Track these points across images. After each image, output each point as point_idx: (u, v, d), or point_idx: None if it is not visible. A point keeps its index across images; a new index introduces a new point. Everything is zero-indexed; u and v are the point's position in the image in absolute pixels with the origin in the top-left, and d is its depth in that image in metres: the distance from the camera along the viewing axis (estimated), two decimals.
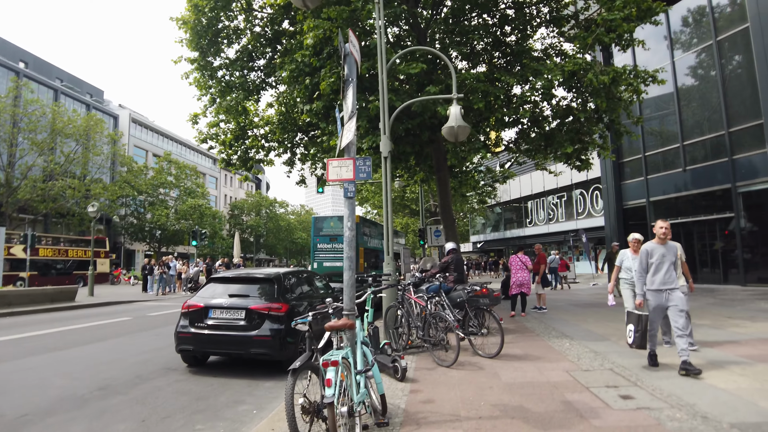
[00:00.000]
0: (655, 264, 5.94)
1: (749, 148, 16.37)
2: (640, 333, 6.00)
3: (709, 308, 11.45)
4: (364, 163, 4.53)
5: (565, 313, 12.04)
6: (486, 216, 45.46)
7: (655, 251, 6.00)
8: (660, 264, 5.91)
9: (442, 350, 6.85)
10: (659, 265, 5.91)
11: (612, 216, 21.66)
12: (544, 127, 12.95)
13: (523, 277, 11.60)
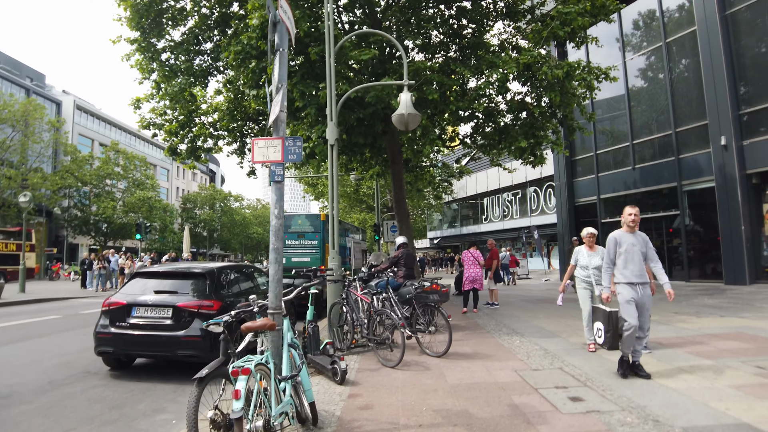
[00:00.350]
0: (624, 254, 5.33)
1: (694, 148, 16.74)
2: (611, 332, 5.51)
3: (656, 303, 11.46)
4: (294, 143, 4.01)
5: (517, 308, 11.87)
6: (443, 212, 45.56)
7: (623, 240, 5.41)
8: (630, 254, 5.30)
9: (387, 349, 6.42)
10: (630, 256, 5.30)
11: (564, 213, 21.89)
12: (498, 121, 12.74)
13: (476, 273, 11.34)
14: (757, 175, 15.22)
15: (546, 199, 32.06)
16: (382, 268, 9.03)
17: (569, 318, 9.72)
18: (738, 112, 15.46)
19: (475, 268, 11.34)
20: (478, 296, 11.69)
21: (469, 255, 11.51)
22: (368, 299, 6.94)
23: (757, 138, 15.04)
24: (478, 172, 39.02)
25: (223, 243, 67.65)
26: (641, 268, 5.30)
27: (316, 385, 5.45)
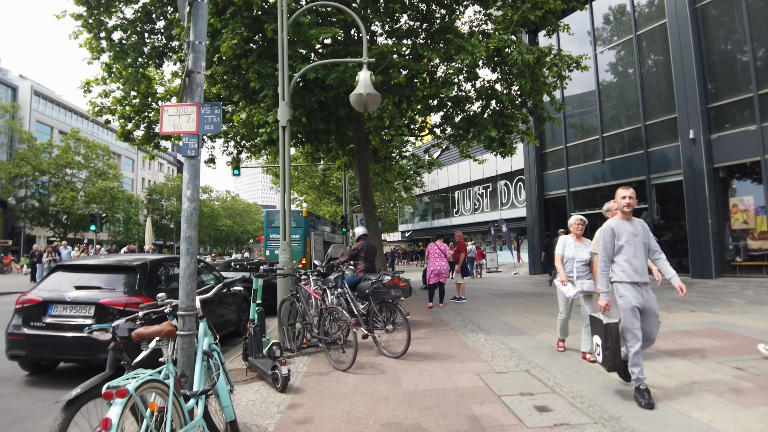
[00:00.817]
0: (625, 247, 4.25)
1: (663, 142, 16.58)
2: (611, 348, 4.17)
3: None
4: (212, 110, 3.31)
5: (484, 303, 11.39)
6: (414, 205, 45.12)
7: (622, 230, 4.31)
8: (633, 247, 4.23)
9: (339, 351, 5.78)
10: (632, 249, 4.23)
11: (534, 206, 21.61)
12: (468, 110, 12.19)
13: (441, 267, 10.81)
14: (723, 169, 15.12)
15: (516, 192, 31.87)
16: (341, 261, 8.39)
17: (537, 313, 9.27)
18: (706, 106, 15.31)
19: (440, 261, 10.81)
20: (443, 290, 11.18)
21: (435, 248, 10.97)
22: (319, 295, 6.28)
23: (724, 132, 14.91)
24: (450, 165, 38.65)
25: None
26: (645, 263, 4.30)
27: (254, 393, 4.79)
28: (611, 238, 4.34)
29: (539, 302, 11.08)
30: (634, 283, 4.19)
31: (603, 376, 4.90)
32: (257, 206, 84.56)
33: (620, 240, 4.29)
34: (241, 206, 72.78)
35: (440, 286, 11.06)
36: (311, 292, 6.41)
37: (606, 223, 4.49)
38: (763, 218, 14.25)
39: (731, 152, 14.71)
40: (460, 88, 12.11)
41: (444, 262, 10.88)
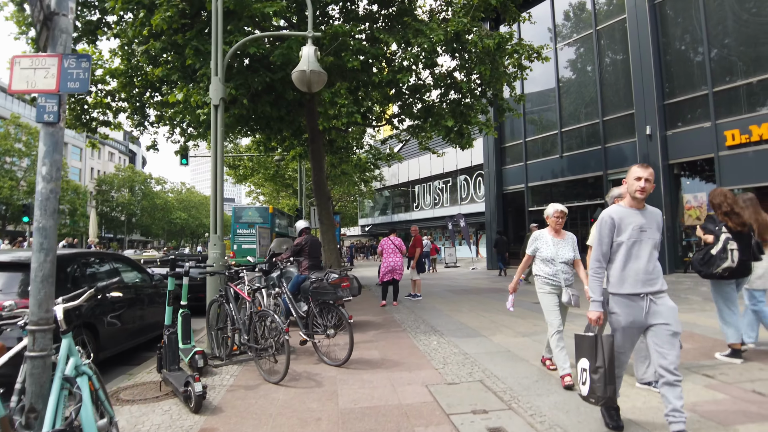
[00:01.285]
0: (626, 245, 3.23)
1: (620, 137, 16.51)
2: (602, 374, 3.16)
3: None
4: (79, 64, 2.52)
5: (440, 300, 10.87)
6: (374, 199, 44.51)
7: (626, 221, 3.27)
8: (636, 245, 3.22)
9: (271, 360, 5.06)
10: (636, 247, 3.22)
11: (492, 201, 21.35)
12: (426, 99, 11.59)
13: (395, 262, 10.22)
14: (678, 166, 15.15)
15: (476, 187, 31.71)
16: (283, 258, 7.65)
17: (494, 312, 8.78)
18: (663, 103, 15.29)
19: (394, 257, 10.21)
20: (398, 288, 10.59)
21: (389, 243, 10.35)
22: (248, 296, 5.53)
23: (679, 129, 14.93)
24: (410, 159, 38.20)
25: (144, 228, 63.19)
26: (655, 266, 3.25)
27: (162, 415, 4.02)
28: (609, 232, 3.29)
29: (496, 299, 10.64)
30: (630, 294, 3.20)
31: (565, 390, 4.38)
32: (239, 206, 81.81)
33: (621, 235, 3.25)
34: (197, 199, 70.29)
35: (394, 283, 10.47)
36: (240, 293, 5.64)
37: (605, 211, 3.41)
38: None
39: (686, 149, 14.73)
40: (419, 75, 11.50)
41: (398, 257, 10.29)
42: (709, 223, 4.82)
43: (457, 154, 32.86)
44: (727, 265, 4.47)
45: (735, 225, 4.62)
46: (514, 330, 7.05)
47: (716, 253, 4.56)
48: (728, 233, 4.56)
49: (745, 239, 4.63)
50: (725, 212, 4.71)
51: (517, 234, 20.94)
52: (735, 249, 4.48)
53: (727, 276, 4.67)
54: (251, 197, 39.77)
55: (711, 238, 4.69)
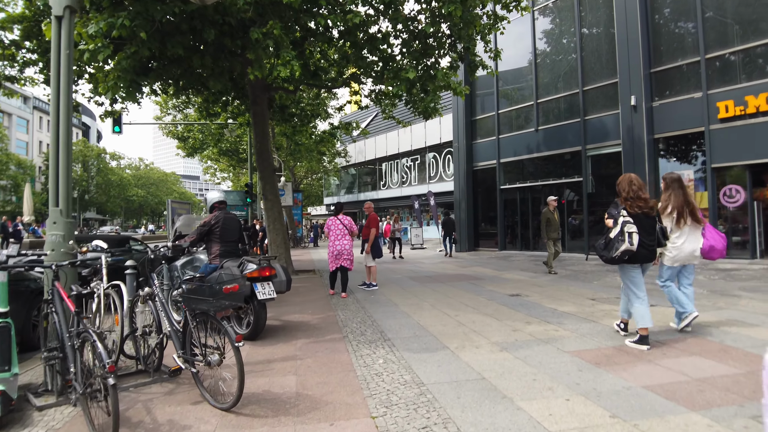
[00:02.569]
0: None
1: (602, 109, 14.86)
2: None
3: (564, 284, 9.23)
4: None
5: (399, 291, 9.01)
6: (340, 177, 42.33)
7: None
8: None
9: (103, 408, 3.07)
10: None
11: (462, 178, 19.55)
12: (384, 48, 9.52)
13: (344, 246, 8.29)
14: (664, 140, 13.61)
15: (445, 165, 29.95)
16: (186, 242, 5.62)
17: (462, 309, 6.95)
18: (650, 71, 13.66)
19: (343, 239, 8.28)
20: (347, 276, 8.67)
21: (337, 223, 8.40)
22: (74, 304, 3.50)
23: (667, 99, 13.34)
24: (377, 136, 36.10)
25: (99, 206, 59.45)
26: None
27: None
28: None
29: (465, 289, 8.86)
30: None
31: None
32: (175, 176, 77.77)
33: None
34: (157, 176, 66.45)
35: (343, 270, 8.56)
36: (66, 298, 3.59)
37: None
38: (703, 194, 12.88)
39: (673, 121, 13.18)
40: (375, 20, 9.40)
41: (347, 240, 8.36)
42: (613, 208, 4.75)
43: (425, 130, 30.97)
44: (625, 247, 4.38)
45: (635, 209, 4.57)
46: (489, 339, 5.23)
47: (614, 236, 4.51)
48: (627, 216, 4.51)
49: (648, 223, 4.61)
50: (627, 197, 4.67)
51: (487, 214, 19.26)
52: (634, 232, 4.41)
53: (627, 260, 4.58)
54: (208, 174, 37.11)
55: (611, 222, 4.64)
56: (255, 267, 5.33)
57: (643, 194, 4.69)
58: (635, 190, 4.68)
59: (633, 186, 4.71)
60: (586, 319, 6.02)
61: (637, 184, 4.72)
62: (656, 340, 4.91)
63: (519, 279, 10.20)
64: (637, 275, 4.77)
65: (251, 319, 5.49)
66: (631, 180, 4.77)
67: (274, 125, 16.27)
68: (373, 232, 9.26)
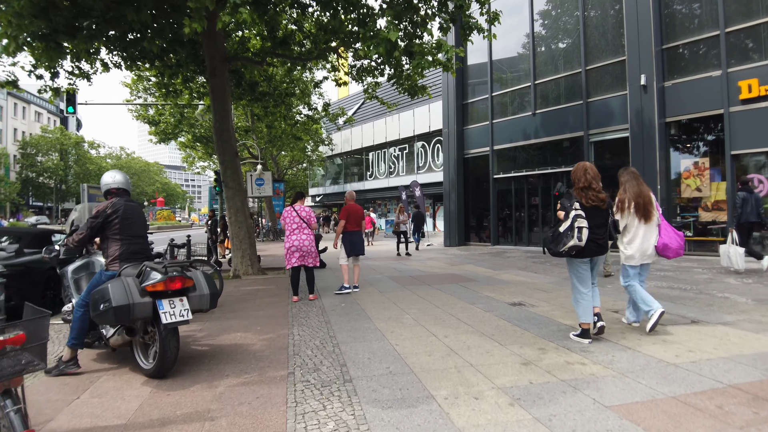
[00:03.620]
0: None
1: (607, 90, 13.32)
2: None
3: None
4: None
5: (377, 297, 7.39)
6: (325, 167, 40.56)
7: None
8: None
9: None
10: None
11: (452, 167, 17.94)
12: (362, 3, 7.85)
13: (302, 242, 6.70)
14: (676, 125, 12.11)
15: (434, 154, 28.33)
16: (75, 241, 3.99)
17: (453, 323, 5.33)
18: (662, 47, 12.12)
19: (300, 234, 6.68)
20: (313, 275, 7.08)
21: (293, 215, 6.80)
22: None
23: (681, 79, 11.82)
24: (364, 124, 34.35)
25: (78, 196, 56.98)
26: None
27: None
28: None
29: (458, 295, 7.29)
30: None
31: None
32: (158, 165, 75.12)
33: None
34: (139, 165, 63.90)
35: (307, 270, 6.97)
36: None
37: None
38: (719, 185, 11.43)
39: (688, 103, 11.67)
40: None
41: (306, 235, 6.76)
42: (566, 199, 4.42)
43: (414, 118, 29.30)
44: (573, 243, 4.12)
45: (588, 201, 4.32)
46: (492, 380, 3.65)
47: (564, 230, 4.22)
48: (579, 210, 4.24)
49: (600, 216, 4.41)
50: (581, 188, 4.40)
51: (478, 206, 17.71)
52: (584, 227, 4.15)
53: (575, 255, 4.31)
54: (187, 163, 35.19)
55: (563, 215, 4.32)
56: (160, 277, 3.69)
57: (596, 185, 4.41)
58: (589, 180, 4.40)
59: (588, 175, 4.42)
60: (618, 344, 4.46)
61: (592, 174, 4.45)
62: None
63: (518, 281, 8.65)
64: (584, 270, 4.52)
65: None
66: (585, 169, 4.47)
67: (243, 105, 14.52)
68: (341, 225, 7.64)
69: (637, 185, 4.74)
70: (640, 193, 4.68)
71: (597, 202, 4.38)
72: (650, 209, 4.65)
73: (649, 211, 4.64)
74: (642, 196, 4.66)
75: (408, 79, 10.22)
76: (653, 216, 4.67)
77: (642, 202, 4.64)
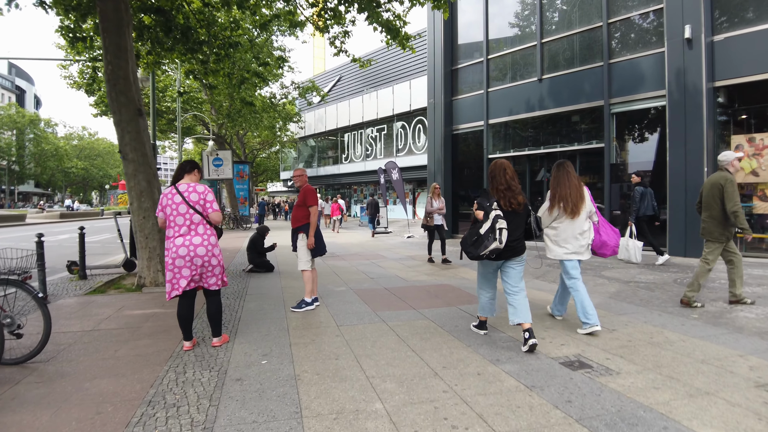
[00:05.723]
0: None
1: (637, 47, 10.46)
2: None
3: (649, 320, 4.88)
4: None
5: (328, 343, 4.36)
6: (298, 149, 37.20)
7: None
8: None
9: None
10: None
11: (438, 144, 14.92)
12: None
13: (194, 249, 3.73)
14: (728, 90, 9.33)
15: (415, 135, 25.34)
16: None
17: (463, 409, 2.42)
18: None
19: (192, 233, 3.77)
20: (218, 306, 4.02)
21: (175, 199, 3.78)
22: None
23: (737, 30, 9.01)
24: (339, 102, 31.08)
25: (36, 178, 52.49)
26: None
27: None
28: None
29: (458, 335, 4.38)
30: None
31: None
32: None
33: None
34: (103, 146, 59.00)
35: (209, 299, 3.98)
36: None
37: None
38: None
39: (745, 63, 8.87)
40: None
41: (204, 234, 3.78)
42: (484, 198, 4.03)
43: (393, 95, 26.18)
44: (495, 246, 3.80)
45: (507, 204, 3.96)
46: None
47: (484, 232, 3.85)
48: (498, 210, 3.91)
49: (516, 219, 4.00)
50: (500, 189, 4.01)
51: (469, 191, 14.77)
52: (504, 228, 3.83)
53: (494, 258, 3.96)
54: None
55: (481, 215, 3.94)
56: None
57: (514, 185, 4.01)
58: (508, 180, 4.00)
59: (507, 176, 4.01)
60: None
61: (510, 173, 4.03)
62: None
63: (544, 300, 5.75)
64: (491, 272, 4.18)
65: None
66: (504, 168, 4.05)
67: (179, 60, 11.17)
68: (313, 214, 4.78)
69: (568, 180, 4.40)
70: (571, 189, 4.36)
71: (515, 206, 3.98)
72: (579, 205, 4.35)
73: (578, 207, 4.35)
74: (572, 191, 4.36)
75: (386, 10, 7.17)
76: (581, 212, 4.37)
77: (571, 199, 4.34)
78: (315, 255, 5.29)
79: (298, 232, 5.22)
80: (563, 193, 4.35)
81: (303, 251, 5.22)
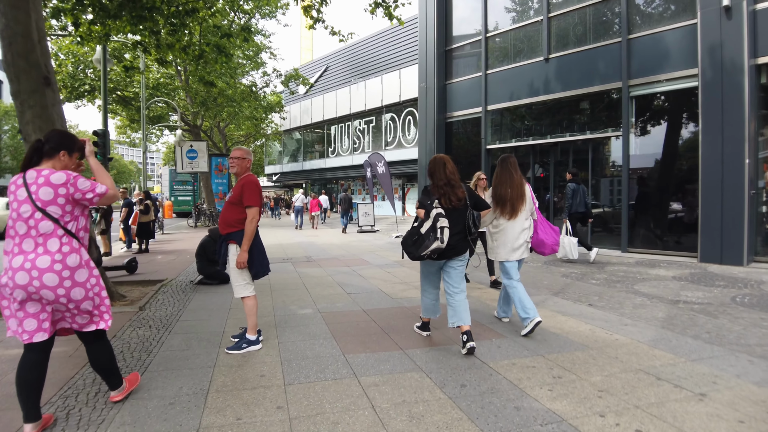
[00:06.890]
0: None
1: (660, 20, 8.95)
2: None
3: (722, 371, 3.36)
4: None
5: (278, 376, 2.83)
6: (282, 142, 35.40)
7: None
8: None
9: None
10: None
11: (430, 134, 13.32)
12: None
13: (38, 276, 2.06)
14: None
15: (405, 128, 23.74)
16: None
17: None
18: None
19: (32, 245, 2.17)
20: (109, 353, 2.45)
21: (12, 194, 2.20)
22: None
23: None
24: (326, 93, 29.39)
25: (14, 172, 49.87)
26: None
27: None
28: None
29: (460, 387, 2.79)
30: None
31: None
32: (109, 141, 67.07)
33: None
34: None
35: (86, 344, 2.70)
36: None
37: None
38: None
39: None
40: None
41: (62, 250, 2.13)
42: (425, 196, 3.81)
43: (382, 86, 24.54)
44: (436, 246, 3.55)
45: (447, 202, 3.69)
46: None
47: (425, 231, 3.58)
48: (440, 208, 3.65)
49: (457, 216, 3.70)
50: (440, 185, 3.73)
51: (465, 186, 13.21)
52: (446, 227, 3.56)
53: (436, 257, 3.71)
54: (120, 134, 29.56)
55: (423, 213, 3.70)
56: None
57: (455, 181, 3.75)
58: (448, 176, 3.73)
59: (447, 171, 3.75)
60: None
61: (450, 168, 3.78)
62: None
63: (581, 334, 4.20)
64: (434, 273, 3.96)
65: None
66: (444, 163, 3.79)
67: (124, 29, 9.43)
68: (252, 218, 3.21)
69: (510, 179, 4.20)
70: (512, 188, 4.17)
71: (455, 202, 3.71)
72: (518, 205, 4.17)
73: (516, 207, 4.17)
74: (513, 190, 4.17)
75: None
76: (520, 211, 4.19)
77: (510, 200, 4.16)
78: (256, 276, 3.71)
79: (229, 241, 3.62)
80: (502, 193, 4.19)
81: (235, 272, 3.63)
